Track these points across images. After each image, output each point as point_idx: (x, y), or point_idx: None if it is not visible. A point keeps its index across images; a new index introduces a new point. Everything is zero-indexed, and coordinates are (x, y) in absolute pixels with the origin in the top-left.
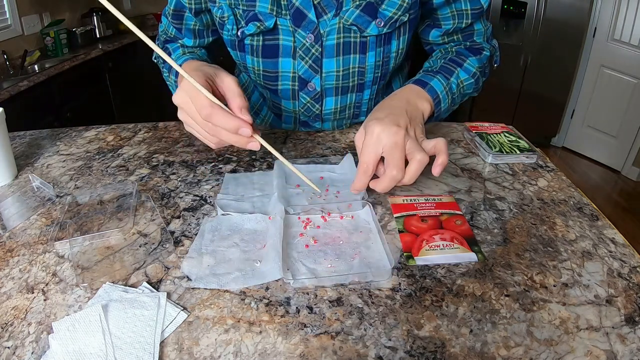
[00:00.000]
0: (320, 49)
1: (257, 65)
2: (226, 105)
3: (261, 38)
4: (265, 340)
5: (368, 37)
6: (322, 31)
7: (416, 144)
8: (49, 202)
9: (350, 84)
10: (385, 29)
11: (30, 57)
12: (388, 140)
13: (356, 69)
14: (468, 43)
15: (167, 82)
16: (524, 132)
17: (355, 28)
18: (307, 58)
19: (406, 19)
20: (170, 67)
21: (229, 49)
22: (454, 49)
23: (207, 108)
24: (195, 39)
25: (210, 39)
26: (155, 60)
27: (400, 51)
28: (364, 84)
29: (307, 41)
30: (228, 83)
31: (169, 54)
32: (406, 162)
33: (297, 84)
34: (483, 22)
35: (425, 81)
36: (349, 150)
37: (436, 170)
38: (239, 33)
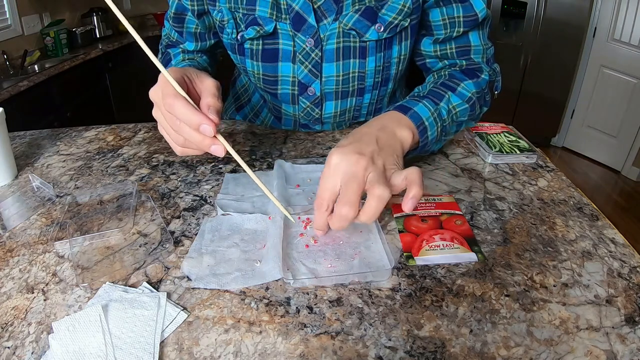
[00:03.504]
0: (320, 54)
1: (256, 69)
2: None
3: (261, 42)
4: (265, 340)
5: (367, 42)
6: (321, 35)
7: (379, 176)
8: (49, 202)
9: (350, 89)
10: (385, 34)
11: (30, 57)
12: (346, 170)
13: (356, 74)
14: (464, 62)
15: None
16: (524, 132)
17: (354, 33)
18: (306, 62)
19: (407, 24)
20: None
21: (229, 52)
22: (447, 72)
23: (170, 97)
24: (197, 43)
25: (212, 41)
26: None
27: (402, 57)
28: (364, 89)
29: (306, 46)
30: (207, 84)
31: (170, 59)
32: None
33: (296, 88)
34: (482, 38)
35: (408, 106)
36: None
37: (407, 206)
38: (238, 37)
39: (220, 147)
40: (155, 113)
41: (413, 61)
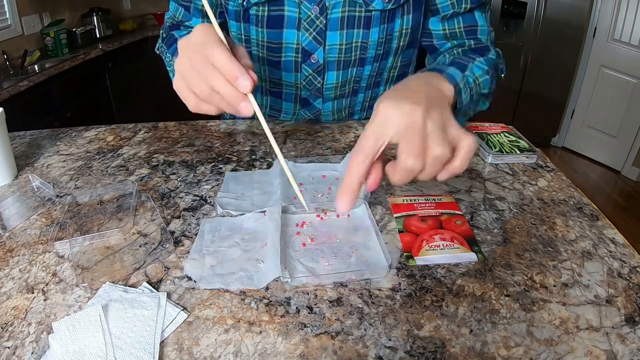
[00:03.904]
0: (324, 21)
1: (261, 37)
2: None
3: (266, 8)
4: (265, 340)
5: (373, 12)
6: (327, 4)
7: (446, 127)
8: (49, 202)
9: (353, 58)
10: (390, 5)
11: (30, 57)
12: (401, 120)
13: (359, 44)
14: (472, 42)
15: (170, 71)
16: (524, 132)
17: (361, 1)
18: (311, 30)
19: None
20: (174, 52)
21: (233, 22)
22: (459, 51)
23: (213, 44)
24: (203, 19)
25: (218, 21)
26: (158, 51)
27: (404, 31)
28: (366, 59)
29: (312, 13)
30: (241, 49)
31: (175, 40)
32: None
33: (300, 55)
34: (486, 20)
35: (441, 69)
36: (349, 150)
37: (442, 174)
38: (244, 2)
39: (249, 106)
40: (178, 63)
41: (417, 57)
